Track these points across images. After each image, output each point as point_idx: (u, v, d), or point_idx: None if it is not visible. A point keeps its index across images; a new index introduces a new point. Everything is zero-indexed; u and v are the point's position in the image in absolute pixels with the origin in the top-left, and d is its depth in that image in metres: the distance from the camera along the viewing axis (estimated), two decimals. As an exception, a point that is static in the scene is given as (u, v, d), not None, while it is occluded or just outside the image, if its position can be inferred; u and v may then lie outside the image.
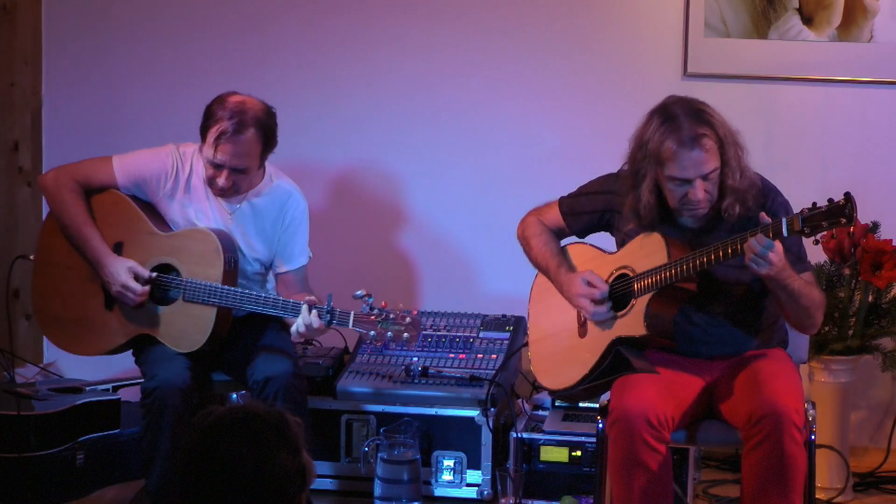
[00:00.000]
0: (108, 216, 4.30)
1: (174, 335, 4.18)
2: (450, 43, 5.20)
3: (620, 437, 3.64)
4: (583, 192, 4.03)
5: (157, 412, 4.05)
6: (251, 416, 2.45)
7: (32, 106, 5.39)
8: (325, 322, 4.01)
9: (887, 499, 4.78)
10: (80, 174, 4.32)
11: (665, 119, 3.70)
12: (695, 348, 3.85)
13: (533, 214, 4.10)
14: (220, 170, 4.16)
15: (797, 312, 3.73)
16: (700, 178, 3.69)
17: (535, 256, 4.06)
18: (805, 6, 4.97)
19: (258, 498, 2.41)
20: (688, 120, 3.68)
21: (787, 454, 3.56)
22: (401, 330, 3.99)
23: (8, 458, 4.26)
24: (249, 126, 4.12)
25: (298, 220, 4.34)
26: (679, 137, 3.66)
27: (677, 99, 3.76)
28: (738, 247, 3.58)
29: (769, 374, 3.71)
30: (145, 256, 4.23)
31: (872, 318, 4.71)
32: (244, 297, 4.13)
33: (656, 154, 3.70)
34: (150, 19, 5.34)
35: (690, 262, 3.66)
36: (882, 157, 5.03)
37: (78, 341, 4.34)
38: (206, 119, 4.17)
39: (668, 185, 3.73)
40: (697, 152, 3.67)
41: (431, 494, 4.60)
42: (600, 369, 3.83)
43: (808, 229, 3.48)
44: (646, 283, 3.74)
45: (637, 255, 3.81)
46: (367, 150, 5.28)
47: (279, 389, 4.09)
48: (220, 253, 4.15)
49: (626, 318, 3.80)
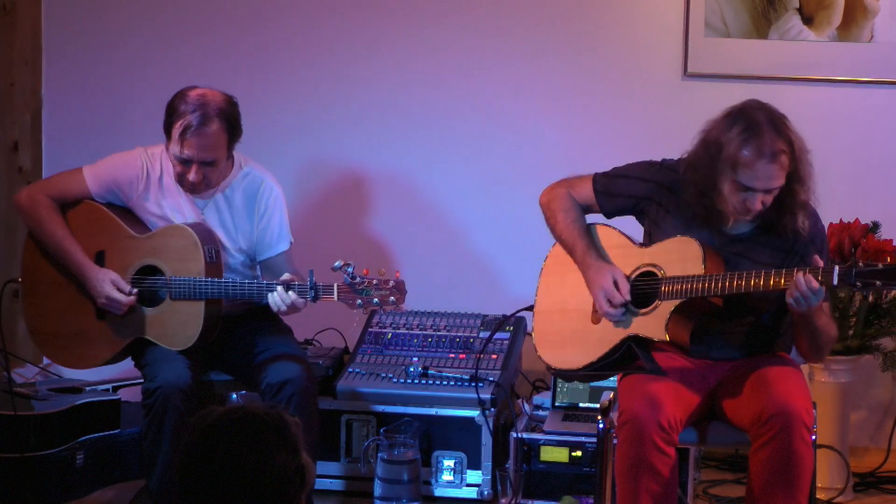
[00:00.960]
0: (86, 227, 4.29)
1: (168, 335, 4.18)
2: (449, 43, 5.20)
3: (630, 440, 3.62)
4: (620, 174, 3.94)
5: (159, 412, 4.05)
6: (250, 416, 2.45)
7: (32, 106, 5.39)
8: (310, 298, 4.01)
9: (887, 499, 4.78)
10: (54, 189, 4.32)
11: (747, 126, 3.63)
12: (705, 353, 3.83)
13: (563, 186, 3.99)
14: (188, 165, 4.15)
15: (811, 344, 3.73)
16: (764, 190, 3.65)
17: (562, 231, 3.95)
18: (805, 6, 4.97)
19: (258, 498, 2.41)
20: (770, 132, 3.62)
21: (795, 453, 3.55)
22: (386, 294, 3.98)
23: (8, 458, 4.26)
24: (213, 118, 4.12)
25: (273, 206, 4.32)
26: (760, 148, 3.60)
27: (759, 105, 3.69)
28: (779, 281, 3.54)
29: (777, 375, 3.70)
30: (128, 261, 4.24)
31: (872, 318, 4.71)
32: (228, 287, 4.13)
33: (733, 158, 3.62)
34: (150, 19, 5.34)
35: (727, 282, 3.61)
36: (882, 157, 5.03)
37: (76, 356, 4.35)
38: (168, 115, 4.17)
39: (732, 188, 3.65)
40: (774, 167, 3.62)
41: (431, 494, 4.60)
42: (609, 360, 3.79)
43: (860, 284, 3.45)
44: (675, 289, 3.68)
45: (670, 257, 3.74)
46: (366, 149, 5.28)
47: (294, 393, 4.10)
48: (199, 245, 4.15)
49: (648, 317, 3.74)
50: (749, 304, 3.75)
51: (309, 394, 4.15)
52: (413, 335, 4.80)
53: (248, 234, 4.31)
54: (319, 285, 4.02)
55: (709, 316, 3.74)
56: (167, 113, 4.17)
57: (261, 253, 4.33)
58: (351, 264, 3.97)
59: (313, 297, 4.02)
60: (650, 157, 3.94)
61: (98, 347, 4.29)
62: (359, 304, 3.99)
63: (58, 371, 5.15)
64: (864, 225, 4.62)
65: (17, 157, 5.35)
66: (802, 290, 3.49)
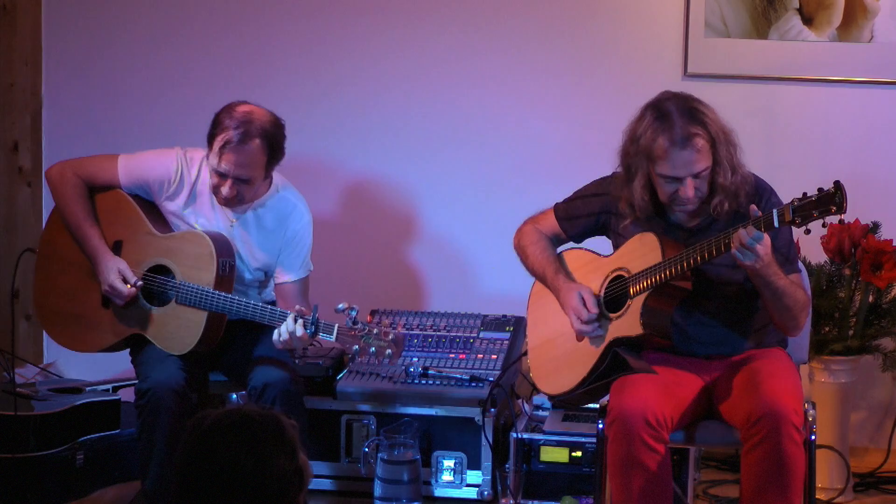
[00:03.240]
0: (110, 214, 4.30)
1: (165, 336, 4.18)
2: (445, 41, 5.19)
3: (619, 437, 3.64)
4: (577, 196, 4.04)
5: (152, 413, 4.05)
6: (247, 418, 2.45)
7: (32, 106, 5.39)
8: (309, 333, 4.01)
9: (887, 499, 4.78)
10: (85, 171, 4.33)
11: (658, 116, 3.70)
12: (691, 348, 3.85)
13: (529, 223, 4.11)
14: (224, 178, 4.15)
15: (780, 312, 3.74)
16: (691, 176, 3.69)
17: (532, 264, 4.06)
18: (805, 6, 4.97)
19: (257, 500, 2.41)
20: (681, 118, 3.68)
21: (785, 454, 3.56)
22: (384, 346, 3.99)
23: (8, 459, 4.26)
24: (255, 136, 4.11)
25: (301, 234, 4.33)
26: (671, 136, 3.67)
27: (671, 95, 3.76)
28: (729, 241, 3.58)
29: (768, 374, 3.71)
30: (142, 256, 4.24)
31: (872, 319, 4.71)
32: (235, 304, 4.12)
33: (648, 151, 3.70)
34: (150, 20, 5.34)
35: (684, 261, 3.67)
36: (882, 157, 5.02)
37: (75, 337, 4.35)
38: (213, 127, 4.17)
39: (659, 181, 3.74)
40: (689, 152, 3.67)
41: (431, 495, 4.60)
42: (598, 371, 3.83)
43: (799, 219, 3.48)
44: (641, 284, 3.75)
45: (632, 255, 3.81)
46: (366, 152, 5.28)
47: (277, 395, 4.09)
48: (214, 257, 4.15)
49: (623, 319, 3.80)
50: (717, 285, 3.79)
51: (292, 396, 4.13)
52: (413, 335, 4.80)
53: (270, 255, 4.31)
54: (321, 322, 4.02)
55: (682, 302, 3.78)
56: (212, 124, 4.17)
57: (279, 275, 4.33)
58: (355, 308, 3.98)
59: (312, 332, 4.02)
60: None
61: (97, 334, 4.29)
62: (355, 350, 4.00)
63: (58, 371, 5.16)
64: (864, 225, 4.62)
65: (17, 157, 5.35)
66: (744, 240, 3.52)
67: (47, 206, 5.22)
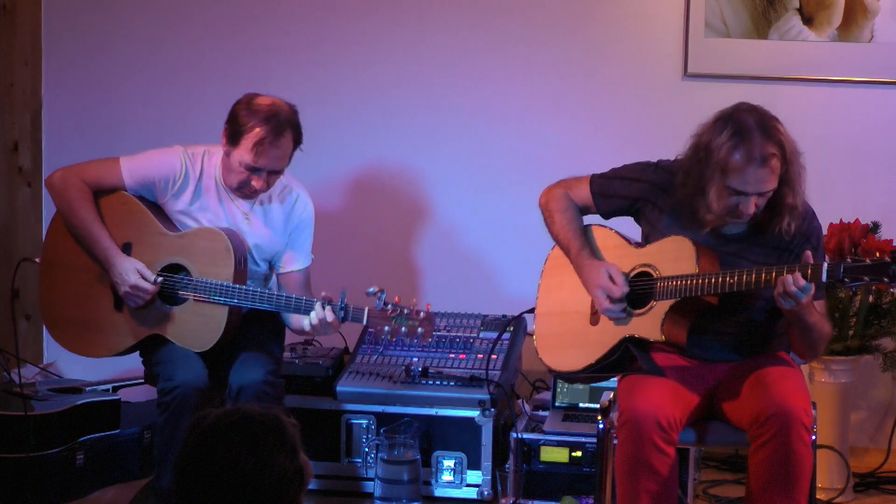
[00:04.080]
0: (117, 217, 4.28)
1: (185, 335, 4.16)
2: (449, 42, 5.20)
3: (629, 439, 3.62)
4: (618, 176, 3.94)
5: (176, 411, 4.03)
6: (247, 418, 2.45)
7: (32, 106, 5.39)
8: (339, 318, 4.02)
9: (887, 499, 4.78)
10: (88, 175, 4.30)
11: (737, 130, 3.63)
12: (702, 353, 3.82)
13: (561, 187, 4.00)
14: (257, 173, 4.16)
15: (804, 343, 3.73)
16: (757, 194, 3.65)
17: (558, 232, 3.97)
18: (805, 6, 4.97)
19: (257, 500, 2.41)
20: (760, 136, 3.61)
21: (794, 454, 3.55)
22: (415, 325, 4.01)
23: (8, 458, 4.26)
24: (286, 128, 4.15)
25: (306, 223, 4.35)
26: (750, 153, 3.60)
27: (750, 108, 3.68)
28: (772, 277, 3.53)
29: (777, 376, 3.70)
30: (155, 257, 4.22)
31: (872, 319, 4.71)
32: (256, 296, 4.13)
33: (723, 164, 3.62)
34: (150, 20, 5.34)
35: (719, 280, 3.61)
36: (882, 157, 5.03)
37: (87, 343, 4.30)
38: (235, 124, 4.15)
39: (722, 193, 3.65)
40: (765, 171, 3.61)
41: (431, 495, 4.60)
42: (607, 362, 3.79)
43: (849, 279, 3.44)
44: (669, 288, 3.68)
45: (664, 256, 3.75)
46: (368, 149, 5.28)
47: (252, 398, 4.07)
48: (231, 252, 4.15)
49: (643, 318, 3.74)
50: (744, 303, 3.75)
51: (267, 398, 4.10)
52: (413, 335, 4.80)
53: (277, 246, 4.32)
54: (350, 307, 4.03)
55: (704, 315, 3.74)
56: (233, 120, 4.16)
57: (283, 265, 4.34)
58: (384, 291, 4.00)
59: (342, 317, 4.03)
60: (650, 157, 3.94)
61: (111, 338, 4.26)
62: (386, 331, 4.00)
63: (58, 371, 5.16)
64: (864, 225, 4.62)
65: (17, 157, 5.35)
66: (790, 288, 3.48)
67: (47, 207, 5.22)
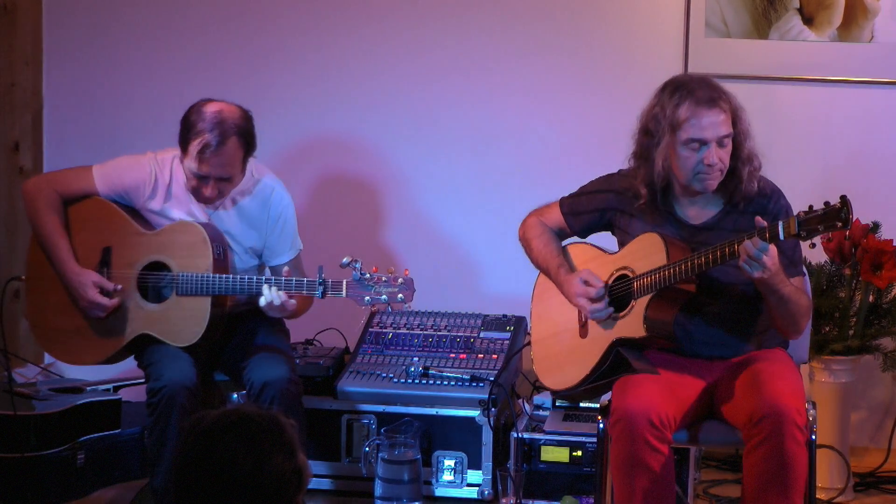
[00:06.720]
0: (93, 221, 4.30)
1: (172, 330, 4.18)
2: (450, 42, 5.20)
3: (622, 438, 3.64)
4: (583, 192, 4.04)
5: (165, 411, 4.06)
6: (245, 419, 2.45)
7: (33, 106, 5.39)
8: (318, 294, 4.03)
9: (887, 499, 4.78)
10: (61, 184, 4.32)
11: (677, 87, 3.74)
12: (694, 349, 3.85)
13: (534, 215, 4.11)
14: (205, 181, 4.17)
15: (783, 317, 3.75)
16: (715, 142, 3.70)
17: (536, 257, 4.07)
18: (806, 6, 4.97)
19: (255, 500, 2.40)
20: (701, 86, 3.73)
21: (788, 454, 3.56)
22: (394, 292, 4.02)
23: (8, 458, 4.26)
24: (231, 136, 4.13)
25: (284, 216, 4.35)
26: (696, 99, 3.70)
27: (683, 74, 3.84)
28: (735, 248, 3.58)
29: (771, 375, 3.71)
30: (135, 257, 4.24)
31: (873, 318, 4.71)
32: (234, 282, 4.14)
33: (672, 120, 3.71)
34: (151, 19, 5.34)
35: (689, 264, 3.67)
36: (882, 157, 5.03)
37: (78, 352, 4.34)
38: (185, 130, 4.17)
39: (683, 153, 3.72)
40: (716, 112, 3.70)
41: (432, 494, 4.60)
42: (601, 370, 3.84)
43: (805, 233, 3.48)
44: (645, 284, 3.75)
45: (636, 255, 3.81)
46: (366, 148, 5.28)
47: (276, 395, 4.11)
48: (208, 242, 4.17)
49: (626, 319, 3.81)
50: (723, 290, 3.79)
51: (291, 395, 4.15)
52: (413, 335, 4.81)
53: (258, 241, 4.33)
54: (328, 281, 4.04)
55: (686, 306, 3.78)
56: (183, 126, 4.17)
57: (270, 259, 4.36)
58: (359, 260, 4.00)
59: (321, 293, 4.04)
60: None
61: (100, 344, 4.29)
62: (366, 301, 4.01)
63: (59, 371, 5.16)
64: (864, 225, 4.62)
65: (18, 157, 5.35)
66: (751, 251, 3.53)
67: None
